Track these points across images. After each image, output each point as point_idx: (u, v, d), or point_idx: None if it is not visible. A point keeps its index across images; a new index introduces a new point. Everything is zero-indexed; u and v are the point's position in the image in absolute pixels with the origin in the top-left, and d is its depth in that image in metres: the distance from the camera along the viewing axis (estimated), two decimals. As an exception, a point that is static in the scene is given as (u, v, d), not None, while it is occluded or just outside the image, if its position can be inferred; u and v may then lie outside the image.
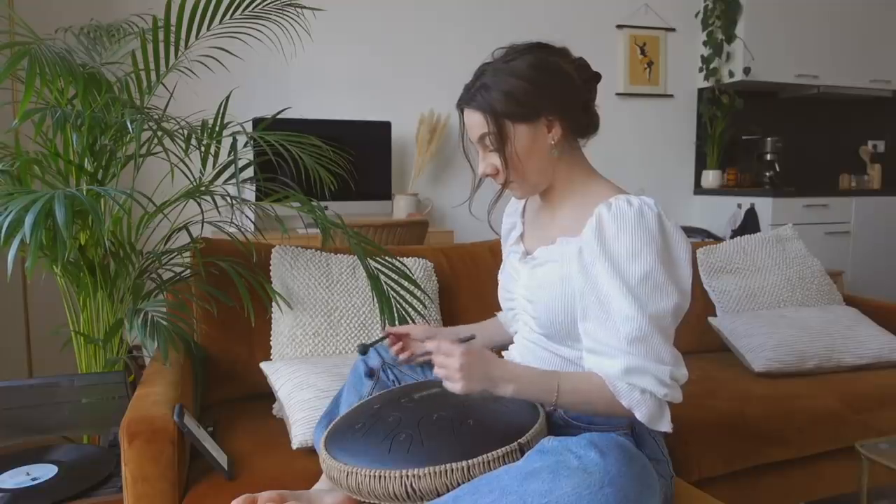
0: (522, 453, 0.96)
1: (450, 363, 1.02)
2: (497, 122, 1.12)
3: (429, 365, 1.30)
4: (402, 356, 1.33)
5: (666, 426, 1.06)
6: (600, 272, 1.06)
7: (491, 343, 1.45)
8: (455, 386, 1.02)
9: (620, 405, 1.04)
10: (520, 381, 1.05)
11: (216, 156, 1.79)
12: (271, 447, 1.43)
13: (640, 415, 1.04)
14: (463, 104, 1.17)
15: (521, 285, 1.23)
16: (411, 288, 1.79)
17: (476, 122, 1.15)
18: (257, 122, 2.74)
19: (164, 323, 1.50)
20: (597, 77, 1.20)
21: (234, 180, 1.69)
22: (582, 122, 1.19)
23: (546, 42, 1.17)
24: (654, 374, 1.03)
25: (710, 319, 2.15)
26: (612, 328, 1.05)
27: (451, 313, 1.93)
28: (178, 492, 1.25)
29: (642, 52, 3.98)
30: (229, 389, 1.74)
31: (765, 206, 3.73)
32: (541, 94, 1.12)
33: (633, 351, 1.03)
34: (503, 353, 1.33)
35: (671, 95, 4.10)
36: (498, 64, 1.14)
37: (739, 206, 3.84)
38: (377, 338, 1.38)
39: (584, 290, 1.08)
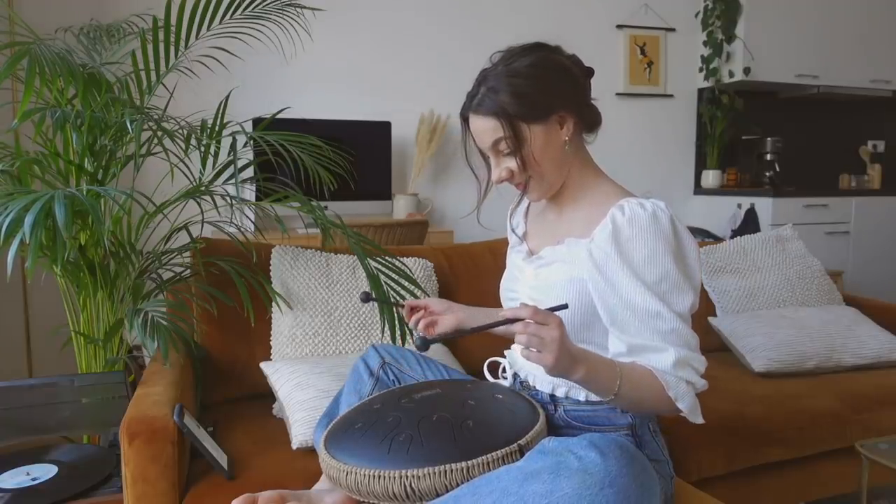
0: (522, 454, 0.96)
1: (546, 333, 0.94)
2: (512, 124, 1.10)
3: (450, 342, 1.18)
4: (420, 326, 1.30)
5: (700, 418, 1.08)
6: (619, 275, 1.06)
7: None
8: (545, 358, 0.94)
9: (667, 398, 1.04)
10: (590, 364, 1.00)
11: (216, 156, 1.79)
12: (271, 447, 1.43)
13: (683, 405, 1.05)
14: (469, 112, 1.14)
15: (526, 285, 1.22)
16: (411, 288, 1.79)
17: (487, 127, 1.12)
18: (257, 122, 2.74)
19: (164, 323, 1.50)
20: (591, 72, 1.21)
21: (233, 180, 1.69)
22: (589, 115, 1.19)
23: (541, 42, 1.17)
24: (693, 366, 1.05)
25: (710, 319, 2.15)
26: (645, 325, 1.05)
27: (451, 313, 1.93)
28: (178, 492, 1.25)
29: (642, 52, 3.98)
30: (229, 389, 1.74)
31: (765, 206, 3.73)
32: (549, 92, 1.12)
33: (672, 343, 1.04)
34: (505, 351, 1.33)
35: (671, 95, 4.10)
36: (499, 67, 1.13)
37: (739, 206, 3.84)
38: (389, 302, 1.32)
39: (603, 295, 1.08)
